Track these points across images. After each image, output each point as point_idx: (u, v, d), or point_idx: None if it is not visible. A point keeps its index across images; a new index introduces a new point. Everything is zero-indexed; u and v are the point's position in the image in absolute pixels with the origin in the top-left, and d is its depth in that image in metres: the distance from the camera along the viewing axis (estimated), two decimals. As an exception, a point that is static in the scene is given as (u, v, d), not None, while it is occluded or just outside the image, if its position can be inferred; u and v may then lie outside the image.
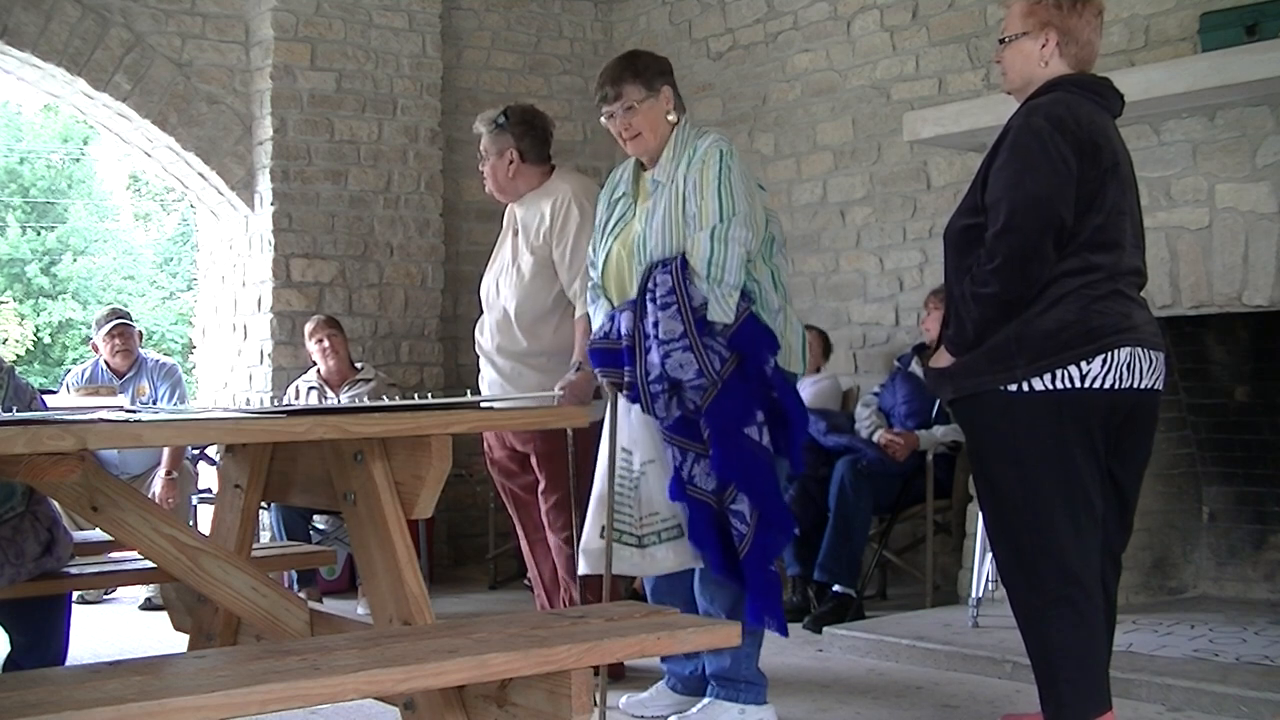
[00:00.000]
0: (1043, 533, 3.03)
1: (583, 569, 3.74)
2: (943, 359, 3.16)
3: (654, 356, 3.44)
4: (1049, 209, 2.95)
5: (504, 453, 4.43)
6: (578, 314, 4.05)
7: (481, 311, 4.47)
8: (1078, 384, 2.99)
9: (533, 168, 4.31)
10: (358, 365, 6.35)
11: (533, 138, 4.31)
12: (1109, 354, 3.00)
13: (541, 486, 4.25)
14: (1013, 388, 3.02)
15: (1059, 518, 3.02)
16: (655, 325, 3.45)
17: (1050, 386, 2.99)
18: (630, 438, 3.61)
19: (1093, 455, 3.05)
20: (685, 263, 3.48)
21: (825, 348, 6.14)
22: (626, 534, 3.57)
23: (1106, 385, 3.00)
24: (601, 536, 3.62)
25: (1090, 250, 3.02)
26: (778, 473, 3.54)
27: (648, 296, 3.50)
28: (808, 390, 5.83)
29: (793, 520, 3.55)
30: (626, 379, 3.53)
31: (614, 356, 3.58)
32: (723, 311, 3.44)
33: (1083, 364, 2.99)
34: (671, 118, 3.69)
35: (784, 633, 3.56)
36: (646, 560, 3.60)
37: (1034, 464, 3.03)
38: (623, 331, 3.56)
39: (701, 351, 3.41)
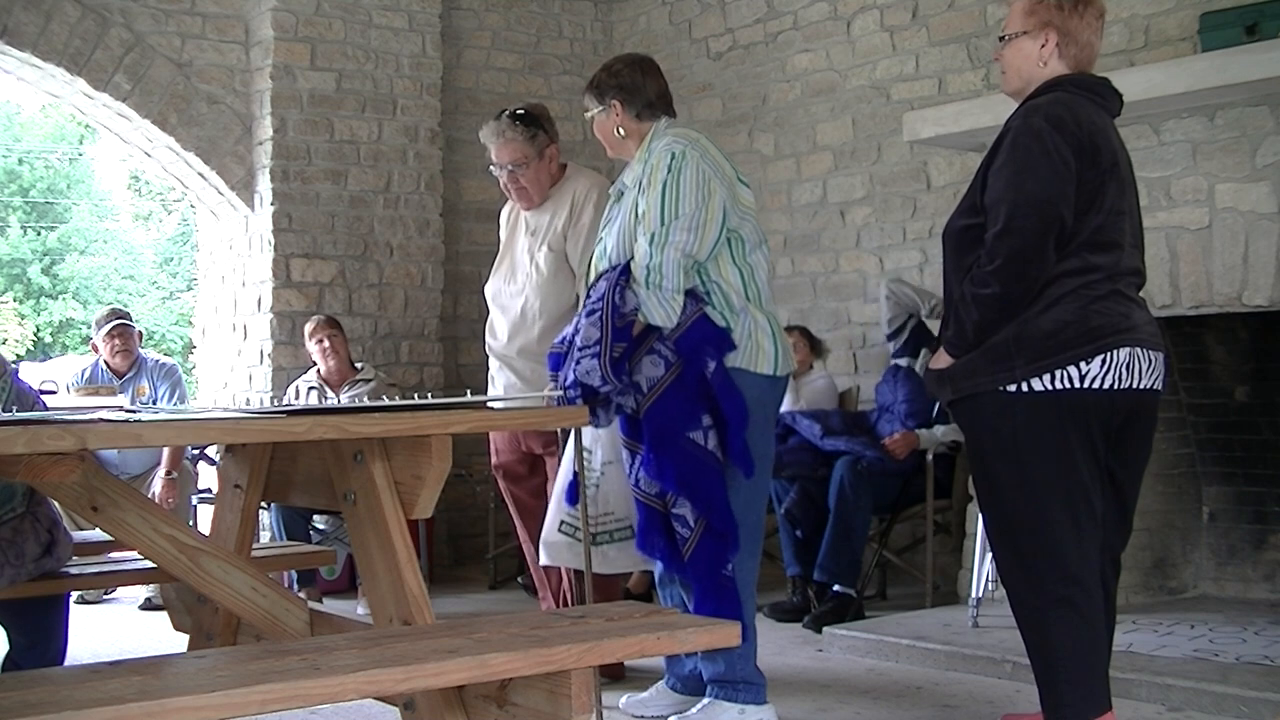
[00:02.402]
0: (1042, 533, 3.03)
1: (543, 560, 3.79)
2: (942, 360, 3.16)
3: (572, 363, 3.45)
4: (1049, 210, 2.95)
5: (513, 456, 4.42)
6: None
7: (486, 313, 4.46)
8: (1076, 384, 2.99)
9: (559, 165, 4.32)
10: (358, 365, 6.35)
11: (557, 133, 4.32)
12: (1108, 354, 2.99)
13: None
14: (1011, 388, 3.01)
15: (1058, 518, 3.02)
16: (577, 332, 3.46)
17: (1049, 387, 2.99)
18: (592, 438, 3.63)
19: (1092, 455, 3.04)
20: (625, 269, 3.49)
21: (814, 347, 6.12)
22: (580, 530, 3.58)
23: (1105, 385, 3.00)
24: (559, 531, 3.65)
25: (1090, 250, 3.01)
26: (729, 479, 3.47)
27: (584, 304, 3.52)
28: (803, 391, 5.84)
29: (738, 528, 3.48)
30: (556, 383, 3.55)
31: (560, 360, 3.60)
32: (664, 316, 3.43)
33: (1081, 364, 2.98)
34: (620, 133, 3.70)
35: (742, 639, 3.50)
36: (599, 558, 3.62)
37: (1033, 464, 3.03)
38: (570, 336, 3.57)
39: (606, 359, 3.37)
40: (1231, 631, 4.53)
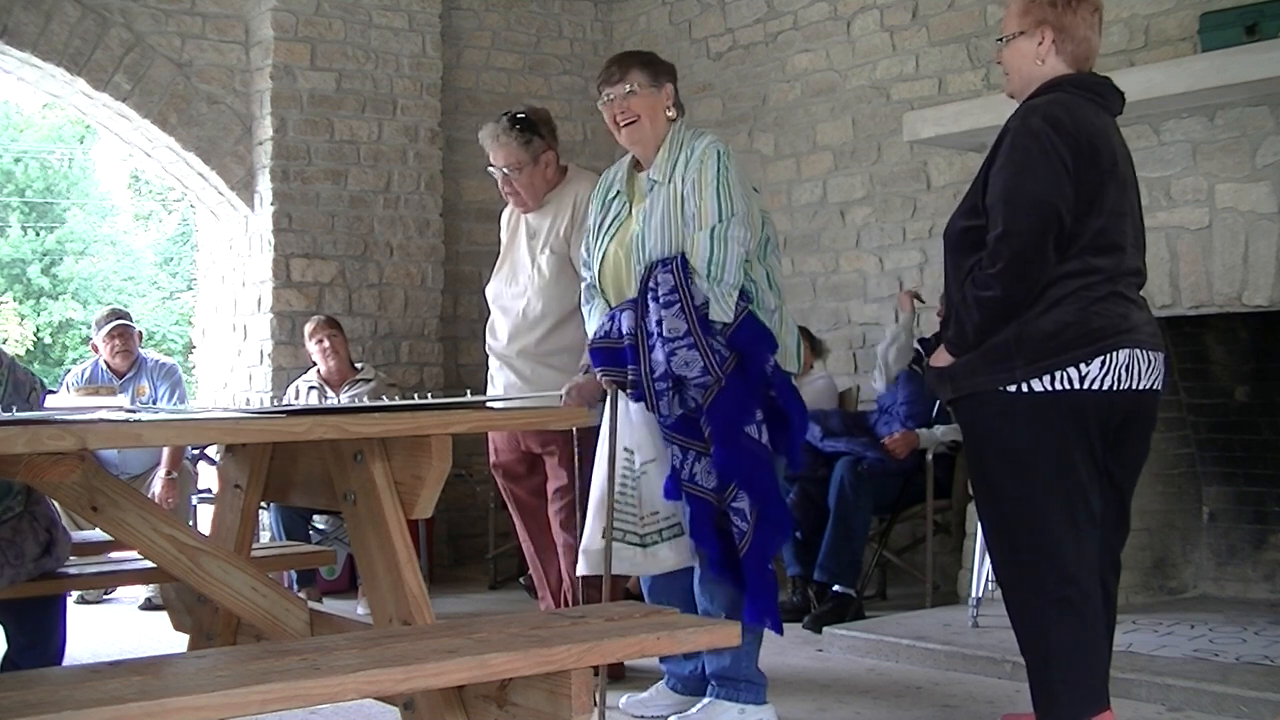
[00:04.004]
0: (1041, 533, 3.04)
1: (582, 569, 3.75)
2: (942, 358, 3.16)
3: (658, 354, 3.46)
4: (1048, 211, 2.96)
5: (512, 456, 4.42)
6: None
7: (487, 313, 4.46)
8: (1076, 385, 2.99)
9: (557, 169, 4.32)
10: (358, 365, 6.34)
11: (555, 136, 4.32)
12: (1108, 355, 3.00)
13: (556, 486, 4.25)
14: (1011, 388, 3.02)
15: (1057, 518, 3.02)
16: (659, 323, 3.47)
17: (1049, 388, 2.99)
18: (632, 438, 3.62)
19: (1091, 456, 3.05)
20: (685, 262, 3.50)
21: (813, 347, 6.12)
22: (629, 533, 3.58)
23: (1105, 386, 3.00)
24: (603, 537, 3.63)
25: (1091, 253, 3.02)
26: (777, 471, 3.55)
27: (649, 295, 3.52)
28: (803, 391, 5.83)
29: (791, 519, 3.58)
30: (630, 377, 3.54)
31: (616, 355, 3.59)
32: (722, 310, 3.46)
33: (1081, 365, 2.99)
34: (670, 113, 3.71)
35: (779, 631, 3.59)
36: (649, 559, 3.61)
37: (1032, 465, 3.04)
38: (624, 330, 3.57)
39: (706, 349, 3.43)
40: (1231, 631, 4.53)
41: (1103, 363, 3.00)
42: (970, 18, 6.02)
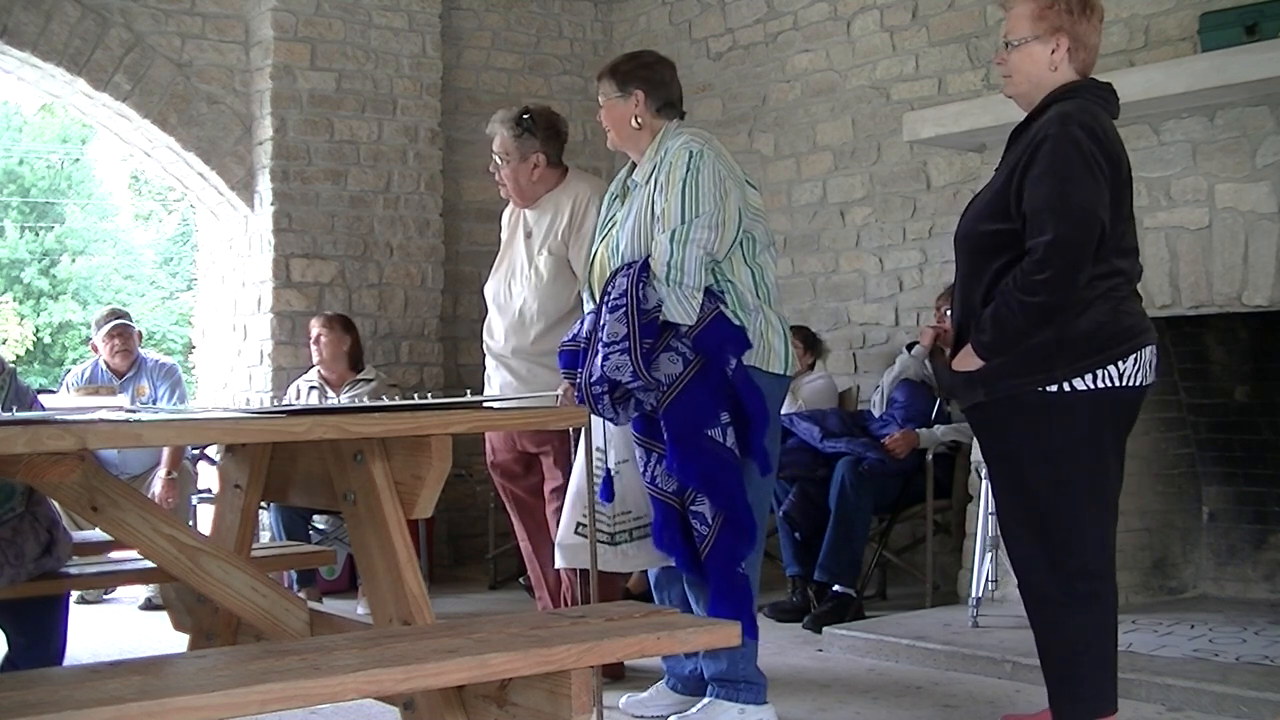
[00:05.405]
0: (1073, 530, 3.09)
1: (559, 563, 3.79)
2: (970, 362, 3.15)
3: (597, 359, 3.45)
4: (1093, 219, 2.99)
5: (509, 455, 4.43)
6: None
7: (486, 313, 4.47)
8: (1116, 383, 3.05)
9: (552, 171, 4.33)
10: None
11: (555, 141, 4.34)
12: (1138, 353, 3.08)
13: (553, 486, 4.25)
14: (1052, 388, 3.05)
15: (1090, 514, 3.09)
16: (603, 328, 3.46)
17: (1091, 386, 3.04)
18: (605, 437, 3.63)
19: (1117, 450, 3.14)
20: (645, 266, 3.49)
21: (814, 347, 6.11)
22: (600, 531, 3.58)
23: (1136, 383, 3.08)
24: (576, 533, 3.65)
25: (1116, 255, 3.08)
26: (746, 476, 3.50)
27: (604, 299, 3.52)
28: (801, 392, 5.83)
29: (756, 523, 3.52)
30: (578, 380, 3.55)
31: (574, 358, 3.60)
32: (683, 313, 3.44)
33: (1119, 363, 3.05)
34: (636, 124, 3.70)
35: (752, 637, 3.55)
36: (619, 557, 3.63)
37: (1069, 463, 3.08)
38: (584, 334, 3.57)
39: (637, 355, 3.38)
40: (1231, 631, 4.53)
41: (1135, 360, 3.08)
42: (970, 18, 6.02)
